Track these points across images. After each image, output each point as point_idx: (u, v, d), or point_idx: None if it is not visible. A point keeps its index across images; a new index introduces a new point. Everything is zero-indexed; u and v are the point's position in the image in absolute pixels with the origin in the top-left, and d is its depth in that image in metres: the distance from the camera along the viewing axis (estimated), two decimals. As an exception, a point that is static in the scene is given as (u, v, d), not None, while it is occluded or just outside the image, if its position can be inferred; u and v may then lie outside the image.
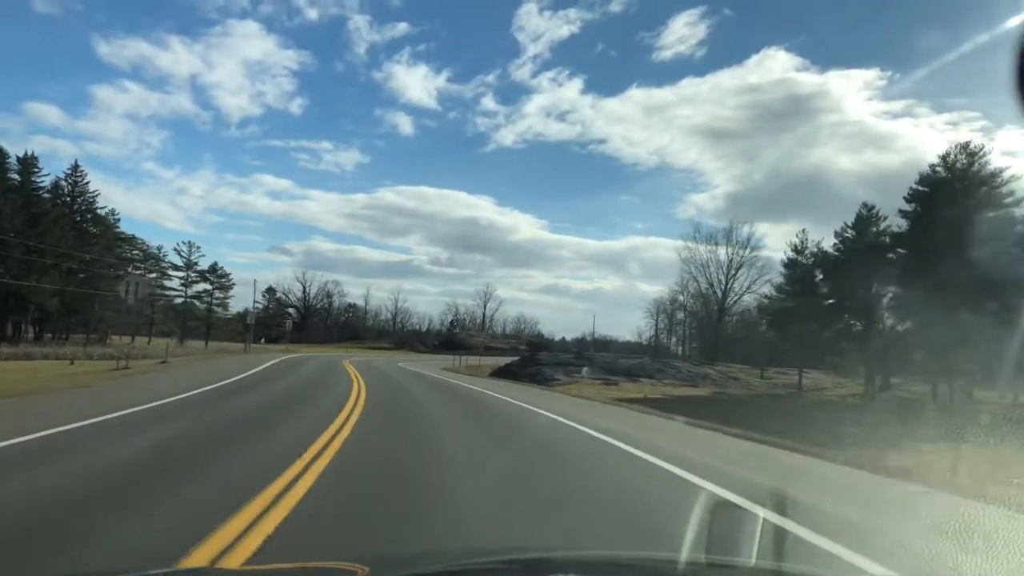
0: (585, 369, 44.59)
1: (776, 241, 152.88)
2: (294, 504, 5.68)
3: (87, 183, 58.95)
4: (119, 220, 72.63)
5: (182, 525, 5.00)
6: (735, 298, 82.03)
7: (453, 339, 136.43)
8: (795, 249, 46.40)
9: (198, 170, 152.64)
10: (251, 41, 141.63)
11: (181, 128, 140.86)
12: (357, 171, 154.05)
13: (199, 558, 4.16)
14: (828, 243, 43.99)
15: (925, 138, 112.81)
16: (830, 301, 44.39)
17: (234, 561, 4.12)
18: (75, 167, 57.15)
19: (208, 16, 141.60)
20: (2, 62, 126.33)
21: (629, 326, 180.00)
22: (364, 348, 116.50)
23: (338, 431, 10.94)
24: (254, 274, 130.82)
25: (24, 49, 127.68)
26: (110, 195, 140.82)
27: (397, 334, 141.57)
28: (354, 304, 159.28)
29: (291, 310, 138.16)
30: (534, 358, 49.62)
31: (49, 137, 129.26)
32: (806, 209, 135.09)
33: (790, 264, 46.50)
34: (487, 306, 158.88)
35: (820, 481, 9.05)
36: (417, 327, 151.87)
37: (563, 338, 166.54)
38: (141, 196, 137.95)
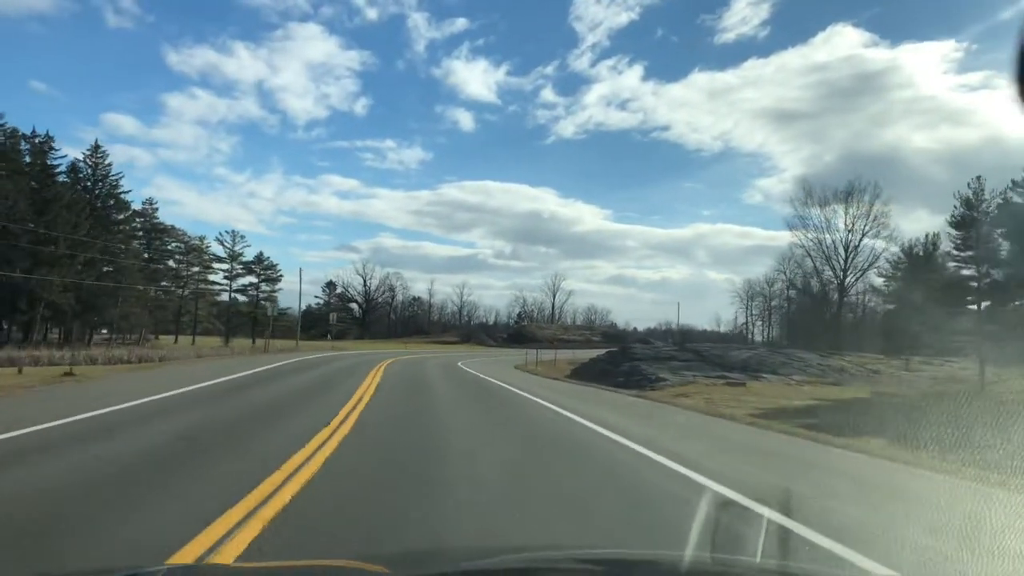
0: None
1: (847, 223, 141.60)
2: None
3: (109, 164, 52.29)
4: (156, 209, 66.43)
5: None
6: (856, 275, 68.94)
7: (522, 332, 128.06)
8: (966, 203, 35.15)
9: (267, 173, 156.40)
10: (313, 43, 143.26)
11: (250, 132, 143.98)
12: (421, 168, 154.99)
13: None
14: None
15: (1005, 110, 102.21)
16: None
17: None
18: (96, 146, 50.69)
19: (270, 20, 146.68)
20: (81, 76, 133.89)
21: (702, 315, 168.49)
22: (428, 343, 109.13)
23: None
24: (324, 272, 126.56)
25: (100, 62, 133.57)
26: (184, 200, 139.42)
27: (463, 327, 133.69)
28: (418, 297, 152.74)
29: (353, 305, 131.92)
30: (627, 351, 39.98)
31: (126, 146, 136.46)
32: (881, 189, 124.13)
33: (960, 222, 35.29)
34: (556, 296, 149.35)
35: None
36: (484, 320, 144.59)
37: (635, 328, 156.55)
38: (214, 201, 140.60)
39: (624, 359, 36.92)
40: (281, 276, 69.60)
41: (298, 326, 60.71)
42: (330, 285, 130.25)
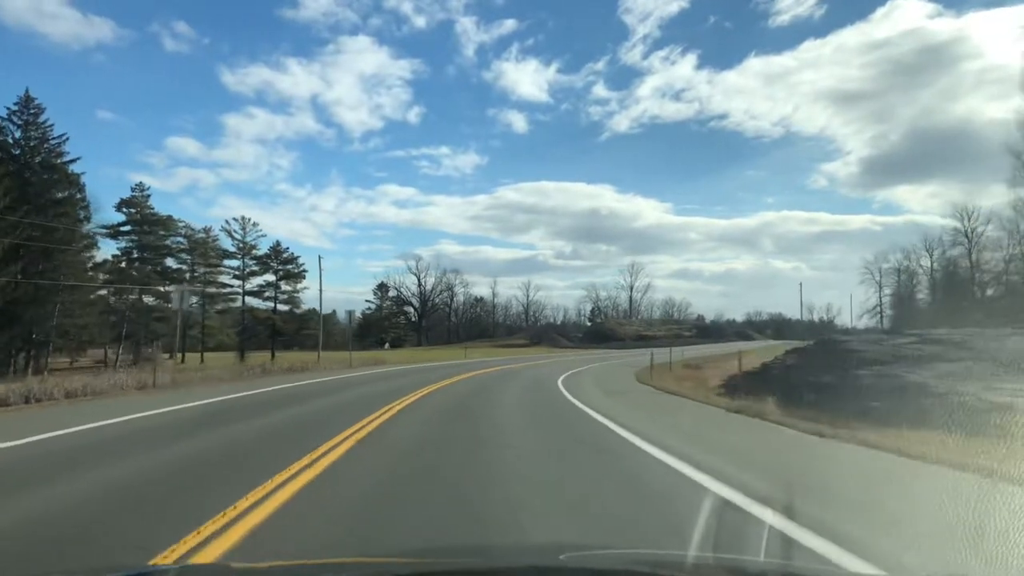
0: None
1: (917, 204, 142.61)
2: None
3: (50, 125, 38.38)
4: (149, 196, 52.63)
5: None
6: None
7: (600, 330, 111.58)
8: None
9: (327, 186, 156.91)
10: (364, 55, 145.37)
11: (307, 147, 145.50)
12: (476, 173, 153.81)
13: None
14: None
15: None
16: None
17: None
18: (27, 97, 36.63)
19: (321, 35, 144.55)
20: (144, 102, 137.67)
21: (779, 304, 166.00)
22: (494, 347, 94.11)
23: None
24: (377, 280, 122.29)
25: (160, 87, 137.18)
26: (249, 217, 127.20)
27: (532, 328, 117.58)
28: (481, 298, 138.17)
29: (409, 308, 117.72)
30: (834, 346, 22.95)
31: (189, 168, 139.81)
32: (952, 166, 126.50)
33: None
34: (633, 290, 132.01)
35: None
36: (552, 320, 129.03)
37: (732, 319, 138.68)
38: (278, 216, 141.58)
39: (835, 360, 20.15)
40: (305, 272, 54.41)
41: (320, 331, 45.52)
42: (382, 288, 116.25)
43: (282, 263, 59.51)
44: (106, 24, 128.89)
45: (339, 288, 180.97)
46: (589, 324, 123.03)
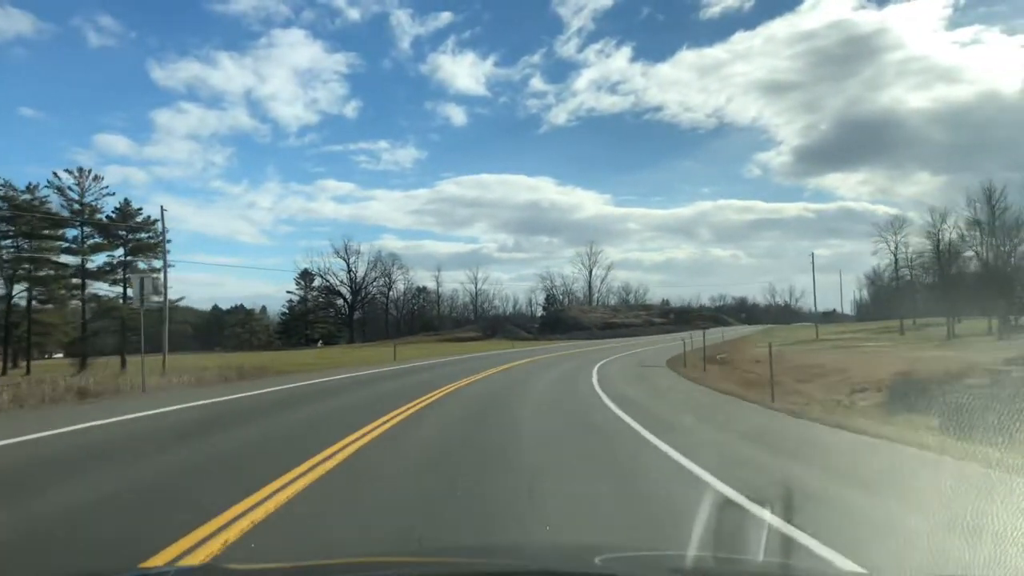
0: None
1: (848, 191, 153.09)
2: None
3: None
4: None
5: None
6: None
7: (560, 318, 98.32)
8: None
9: (264, 183, 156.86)
10: (298, 49, 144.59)
11: (243, 143, 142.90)
12: (416, 167, 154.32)
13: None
14: None
15: (998, 65, 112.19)
16: None
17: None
18: None
19: (252, 29, 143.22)
20: (70, 99, 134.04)
21: (710, 291, 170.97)
22: (440, 341, 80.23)
23: None
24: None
25: (86, 83, 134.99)
26: (184, 216, 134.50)
27: (483, 319, 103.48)
28: (424, 288, 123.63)
29: (339, 300, 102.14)
30: None
31: (120, 166, 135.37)
32: (879, 154, 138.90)
33: None
34: (592, 275, 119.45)
35: None
36: (501, 310, 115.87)
37: (702, 304, 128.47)
38: (214, 214, 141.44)
39: None
40: (169, 241, 36.62)
41: (165, 328, 30.32)
42: (305, 276, 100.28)
43: (131, 230, 42.23)
44: (25, 17, 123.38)
45: (279, 286, 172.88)
46: (545, 312, 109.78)
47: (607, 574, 2.34)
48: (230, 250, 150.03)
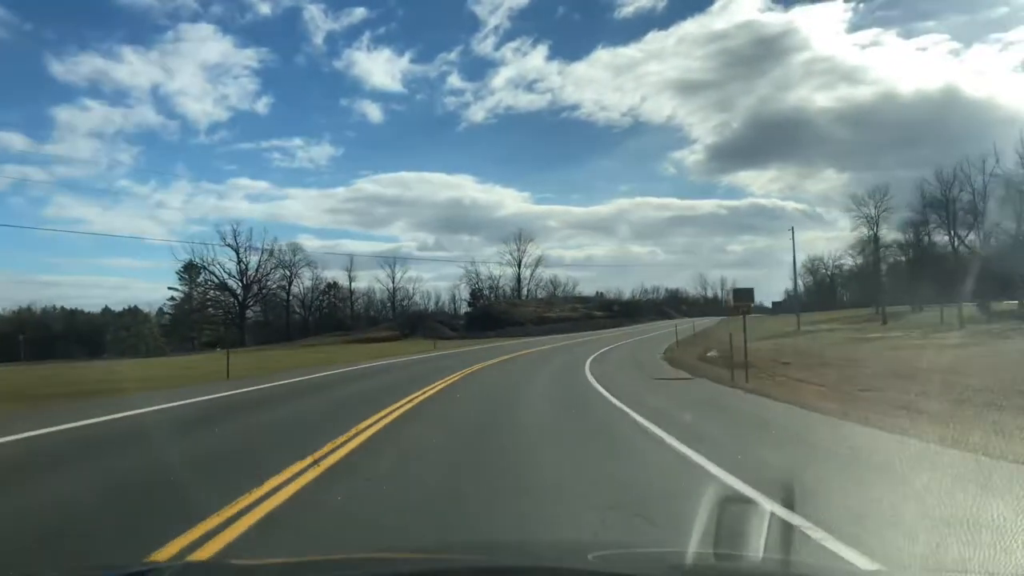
0: None
1: (759, 188, 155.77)
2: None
3: None
4: None
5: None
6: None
7: (489, 313, 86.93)
8: None
9: (174, 182, 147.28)
10: (207, 44, 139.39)
11: (150, 141, 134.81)
12: (333, 165, 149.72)
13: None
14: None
15: (896, 67, 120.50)
16: None
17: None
18: None
19: (158, 23, 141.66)
20: None
21: (632, 285, 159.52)
22: (348, 342, 67.84)
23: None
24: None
25: None
26: (88, 217, 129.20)
27: (402, 316, 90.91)
28: (334, 283, 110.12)
29: (228, 296, 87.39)
30: None
31: (16, 165, 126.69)
32: (788, 152, 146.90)
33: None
34: (521, 264, 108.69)
35: None
36: (423, 308, 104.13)
37: (642, 298, 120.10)
38: (121, 215, 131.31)
39: None
40: None
41: None
42: (190, 269, 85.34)
43: None
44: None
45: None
46: (471, 308, 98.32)
47: (606, 572, 2.29)
48: (138, 252, 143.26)
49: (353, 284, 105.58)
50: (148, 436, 9.72)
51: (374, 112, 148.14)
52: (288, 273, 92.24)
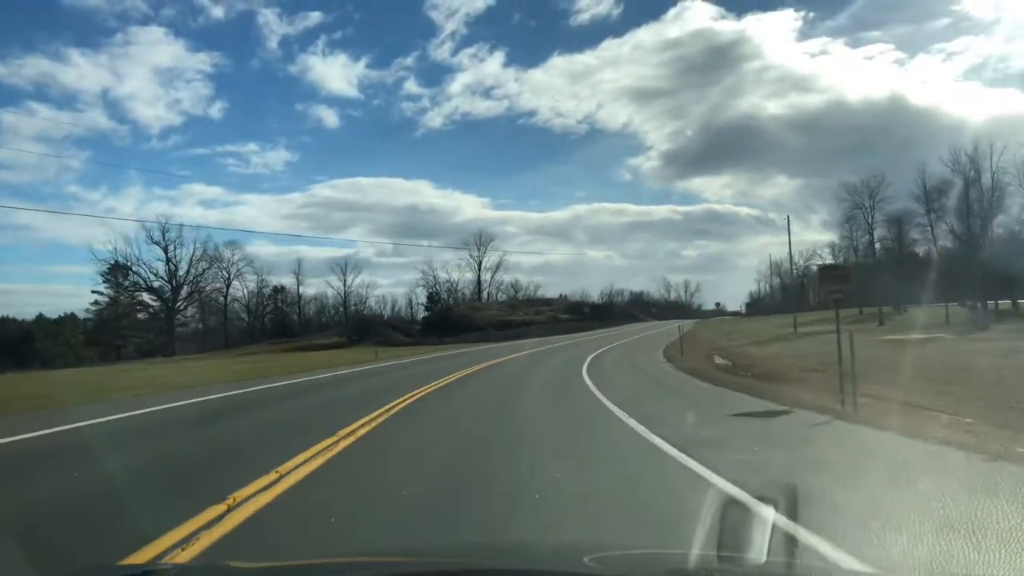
0: None
1: (712, 194, 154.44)
2: None
3: None
4: None
5: None
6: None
7: (447, 317, 79.91)
8: None
9: (125, 187, 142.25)
10: (158, 47, 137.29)
11: (100, 146, 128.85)
12: (288, 170, 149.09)
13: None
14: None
15: (844, 75, 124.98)
16: None
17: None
18: None
19: (107, 25, 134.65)
20: None
21: (589, 290, 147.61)
22: (289, 349, 60.78)
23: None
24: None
25: None
26: (35, 224, 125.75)
27: (353, 321, 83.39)
28: (281, 288, 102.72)
29: (155, 299, 78.92)
30: None
31: None
32: (741, 159, 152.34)
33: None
34: (481, 266, 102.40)
35: None
36: (379, 313, 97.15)
37: (611, 299, 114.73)
38: (70, 221, 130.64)
39: None
40: None
41: None
42: (116, 271, 76.92)
43: None
44: None
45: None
46: (428, 312, 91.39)
47: (604, 574, 2.31)
48: (89, 259, 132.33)
49: (304, 289, 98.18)
50: None
51: (330, 117, 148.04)
52: (227, 275, 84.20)
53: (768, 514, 3.91)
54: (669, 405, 12.10)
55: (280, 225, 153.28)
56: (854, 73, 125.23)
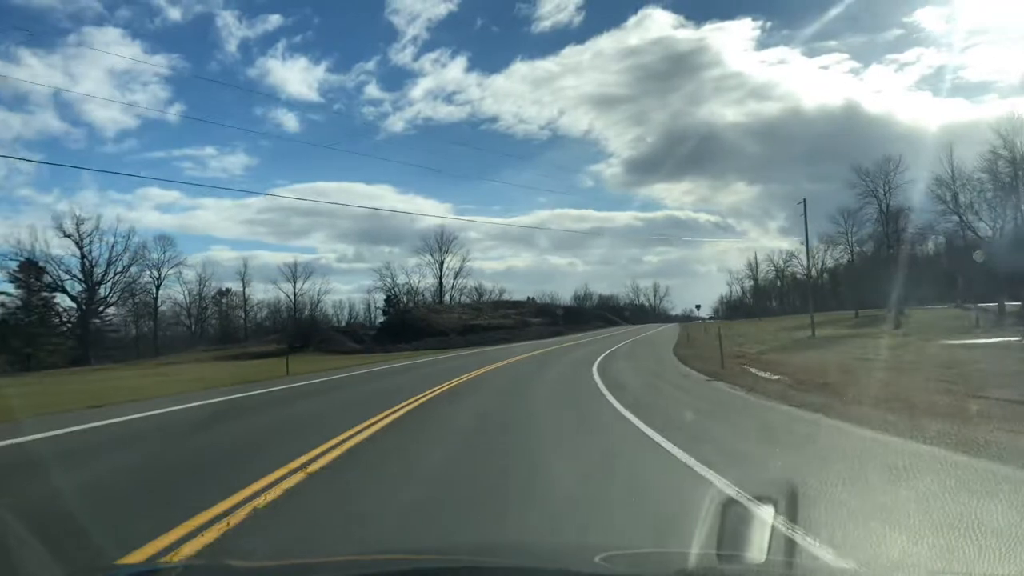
0: None
1: (672, 201, 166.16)
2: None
3: None
4: None
5: None
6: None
7: (405, 322, 71.70)
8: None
9: (79, 191, 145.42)
10: (113, 49, 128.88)
11: (53, 149, 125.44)
12: (247, 174, 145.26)
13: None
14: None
15: (801, 84, 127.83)
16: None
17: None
18: None
19: (60, 25, 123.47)
20: None
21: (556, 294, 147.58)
22: (221, 357, 52.63)
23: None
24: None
25: None
26: None
27: (295, 326, 74.78)
28: (227, 290, 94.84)
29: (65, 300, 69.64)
30: None
31: None
32: (700, 165, 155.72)
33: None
34: (444, 268, 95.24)
35: None
36: (334, 319, 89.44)
37: (579, 302, 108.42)
38: (17, 226, 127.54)
39: None
40: None
41: None
42: (28, 270, 67.69)
43: None
44: None
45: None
46: (385, 316, 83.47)
47: (610, 574, 2.28)
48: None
49: (261, 295, 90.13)
50: None
51: (290, 121, 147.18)
52: (157, 274, 75.38)
53: None
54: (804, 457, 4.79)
55: (239, 230, 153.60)
56: (810, 82, 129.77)
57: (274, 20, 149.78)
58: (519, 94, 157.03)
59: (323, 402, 15.02)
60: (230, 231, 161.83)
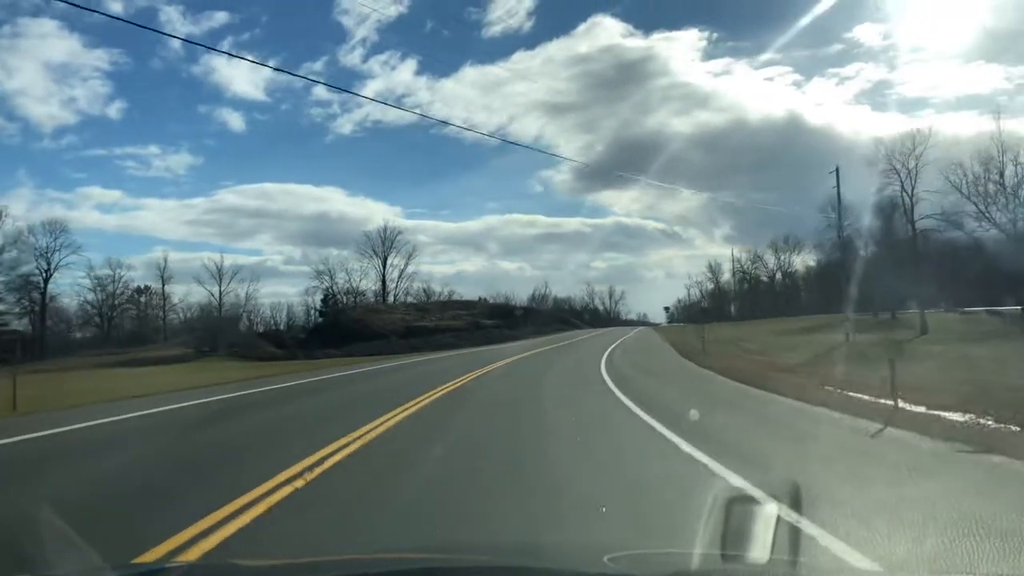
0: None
1: (621, 208, 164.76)
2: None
3: None
4: None
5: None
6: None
7: (340, 323, 61.64)
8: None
9: (13, 189, 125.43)
10: (51, 41, 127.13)
11: None
12: (192, 174, 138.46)
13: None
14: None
15: (745, 95, 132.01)
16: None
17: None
18: None
19: None
20: None
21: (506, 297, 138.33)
22: (112, 364, 42.83)
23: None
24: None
25: None
26: None
27: (202, 327, 64.24)
28: (146, 288, 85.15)
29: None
30: None
31: None
32: (648, 173, 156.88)
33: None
34: (388, 263, 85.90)
35: None
36: (272, 321, 79.76)
37: (525, 304, 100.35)
38: None
39: None
40: None
41: None
42: None
43: None
44: None
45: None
46: (321, 317, 73.83)
47: (615, 574, 2.24)
48: None
49: (184, 292, 79.92)
50: None
51: (235, 121, 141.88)
52: (47, 264, 64.59)
53: None
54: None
55: (184, 231, 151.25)
56: (755, 93, 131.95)
57: (220, 17, 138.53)
58: (469, 99, 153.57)
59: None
60: (174, 232, 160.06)
